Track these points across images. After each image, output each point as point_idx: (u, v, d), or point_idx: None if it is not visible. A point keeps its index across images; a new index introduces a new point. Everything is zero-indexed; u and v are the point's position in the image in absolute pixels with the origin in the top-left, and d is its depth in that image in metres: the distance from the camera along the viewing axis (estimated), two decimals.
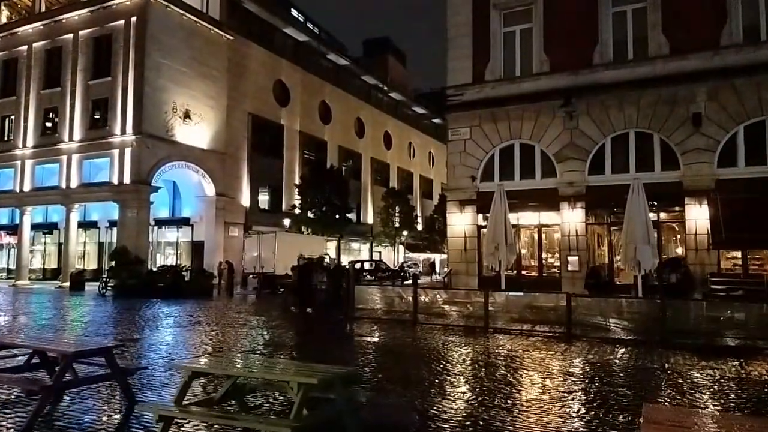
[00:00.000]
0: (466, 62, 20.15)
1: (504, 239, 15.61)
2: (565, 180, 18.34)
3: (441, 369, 8.51)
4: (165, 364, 7.56)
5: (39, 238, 36.79)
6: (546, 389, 7.24)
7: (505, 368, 8.61)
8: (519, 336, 12.20)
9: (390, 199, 49.18)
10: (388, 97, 55.95)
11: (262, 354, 9.90)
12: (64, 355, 4.85)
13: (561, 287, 17.62)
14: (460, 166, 20.04)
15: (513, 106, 19.13)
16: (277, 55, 39.66)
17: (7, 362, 6.42)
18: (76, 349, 4.89)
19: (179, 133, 30.89)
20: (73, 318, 15.55)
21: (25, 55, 33.44)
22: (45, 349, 5.09)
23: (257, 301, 22.62)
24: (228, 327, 13.51)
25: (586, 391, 7.16)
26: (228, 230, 34.13)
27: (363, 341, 11.75)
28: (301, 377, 3.91)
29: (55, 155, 31.60)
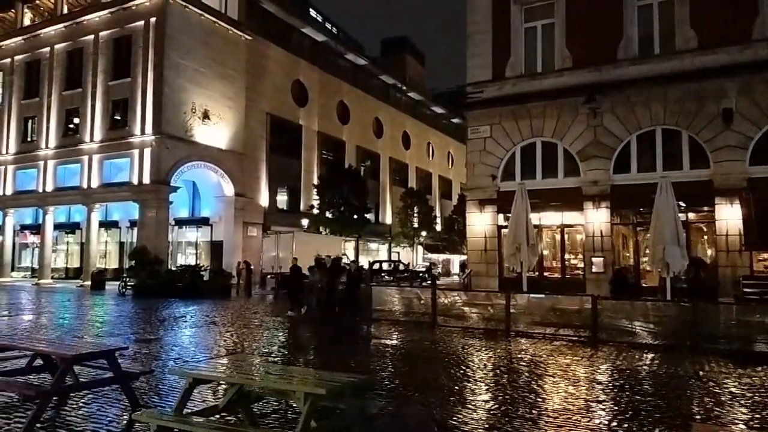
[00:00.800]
0: (485, 59, 19.72)
1: (526, 240, 15.18)
2: (588, 179, 17.80)
3: (461, 375, 8.14)
4: (169, 368, 7.33)
5: (62, 238, 37.20)
6: (573, 398, 6.84)
7: (529, 375, 8.21)
8: (542, 340, 11.76)
9: (408, 199, 48.79)
10: (406, 96, 55.58)
11: (276, 357, 9.65)
12: (63, 358, 4.62)
13: (585, 289, 17.10)
14: (479, 164, 19.60)
15: (534, 103, 18.64)
16: (295, 55, 39.59)
17: (12, 363, 6.23)
18: (75, 353, 4.65)
19: (198, 134, 30.93)
20: (91, 318, 15.50)
21: (47, 57, 33.83)
22: (44, 351, 4.87)
23: (275, 302, 22.43)
24: (244, 328, 13.30)
25: (617, 400, 6.73)
26: (247, 230, 34.11)
27: (380, 344, 11.43)
28: (309, 387, 3.61)
29: (77, 156, 31.89)
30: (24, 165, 34.68)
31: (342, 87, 44.53)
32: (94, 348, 4.93)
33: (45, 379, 6.20)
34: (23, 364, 5.68)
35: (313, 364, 8.98)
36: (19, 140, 35.16)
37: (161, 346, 10.43)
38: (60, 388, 4.60)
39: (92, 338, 11.12)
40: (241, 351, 10.04)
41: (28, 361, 5.30)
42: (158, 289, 24.19)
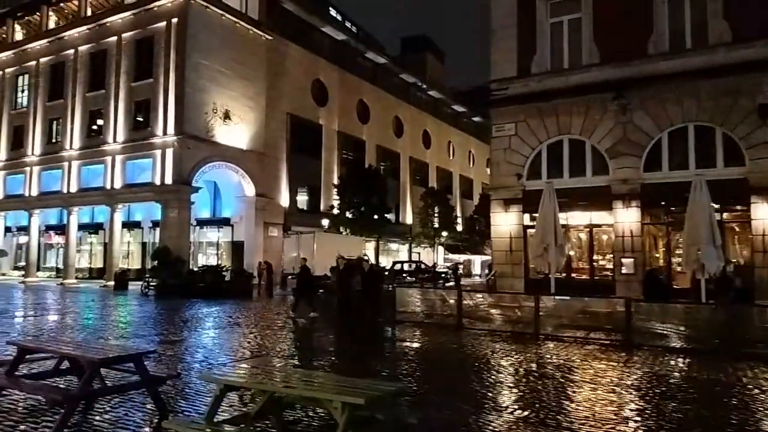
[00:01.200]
0: (510, 55, 19.33)
1: (554, 240, 14.80)
2: (618, 177, 17.33)
3: (493, 380, 7.86)
4: (199, 373, 7.18)
5: (85, 238, 37.66)
6: (613, 406, 6.51)
7: (564, 380, 7.89)
8: (572, 344, 11.39)
9: (429, 199, 48.42)
10: (426, 95, 55.21)
11: (301, 360, 9.47)
12: (90, 362, 4.47)
13: (614, 291, 16.69)
14: (504, 163, 19.23)
15: (561, 100, 18.21)
16: (315, 55, 39.54)
17: (39, 366, 6.13)
18: (102, 357, 4.50)
19: (219, 134, 31.02)
20: (115, 318, 15.52)
21: (71, 59, 34.25)
22: (71, 355, 4.73)
23: (297, 303, 22.28)
24: (267, 329, 13.17)
25: (659, 409, 6.39)
26: (267, 230, 34.13)
27: (405, 347, 11.18)
28: (347, 396, 3.39)
29: (100, 156, 32.21)
30: (49, 166, 35.17)
31: (362, 86, 44.38)
32: (121, 351, 4.78)
33: (71, 382, 6.09)
34: (50, 365, 5.57)
35: (338, 368, 8.78)
36: (45, 142, 35.67)
37: (186, 348, 10.32)
38: (87, 392, 4.45)
39: (117, 340, 11.07)
40: (265, 354, 9.87)
41: (56, 364, 5.18)
42: (180, 289, 24.26)
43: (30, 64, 36.71)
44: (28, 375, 5.43)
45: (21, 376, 4.96)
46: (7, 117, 38.16)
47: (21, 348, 4.97)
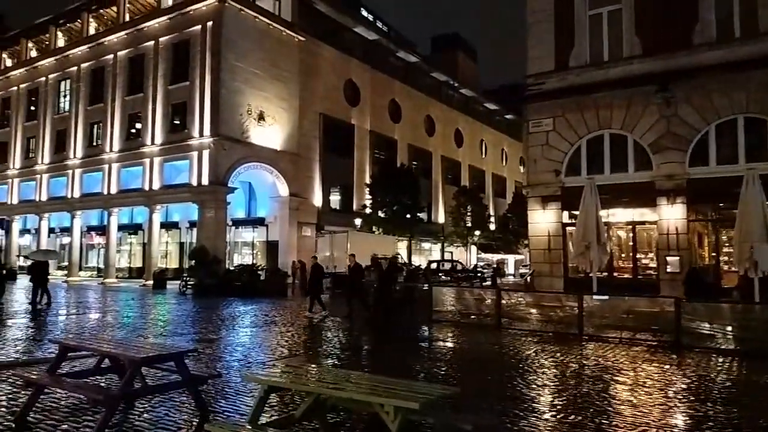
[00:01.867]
0: (547, 49, 18.86)
1: (596, 238, 14.36)
2: (662, 173, 16.69)
3: (539, 383, 7.56)
4: (240, 373, 7.10)
5: (125, 239, 38.54)
6: (676, 412, 6.15)
7: (615, 384, 7.53)
8: (618, 345, 10.96)
9: (461, 198, 47.92)
10: (458, 93, 54.68)
11: (338, 359, 9.34)
12: (131, 361, 4.40)
13: (659, 291, 16.10)
14: (542, 159, 18.77)
15: (601, 94, 17.65)
16: (347, 55, 39.56)
17: (81, 363, 6.12)
18: (144, 356, 4.43)
19: (254, 135, 31.29)
20: (154, 317, 15.73)
21: (110, 64, 35.08)
22: (112, 353, 4.68)
23: (330, 302, 22.27)
24: (303, 328, 13.11)
25: (729, 417, 5.99)
26: (301, 230, 34.29)
27: (444, 348, 10.94)
28: (400, 400, 3.20)
29: (139, 159, 32.88)
30: (90, 168, 36.10)
31: (394, 85, 44.21)
32: (162, 350, 4.71)
33: (112, 380, 6.08)
34: (92, 363, 5.56)
35: (376, 368, 8.61)
36: (86, 145, 36.64)
37: (224, 347, 10.31)
38: (128, 391, 4.39)
39: (156, 338, 11.16)
40: (303, 352, 9.78)
41: (97, 362, 5.16)
42: (217, 288, 24.53)
43: (72, 69, 37.77)
44: (70, 373, 5.43)
45: (63, 375, 4.95)
46: (51, 121, 39.37)
47: (63, 346, 4.95)
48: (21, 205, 41.06)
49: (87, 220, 39.14)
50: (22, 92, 41.88)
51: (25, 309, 16.69)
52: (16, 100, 42.25)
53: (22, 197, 41.08)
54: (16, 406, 5.39)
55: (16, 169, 41.72)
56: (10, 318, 14.39)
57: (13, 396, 5.93)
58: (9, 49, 44.66)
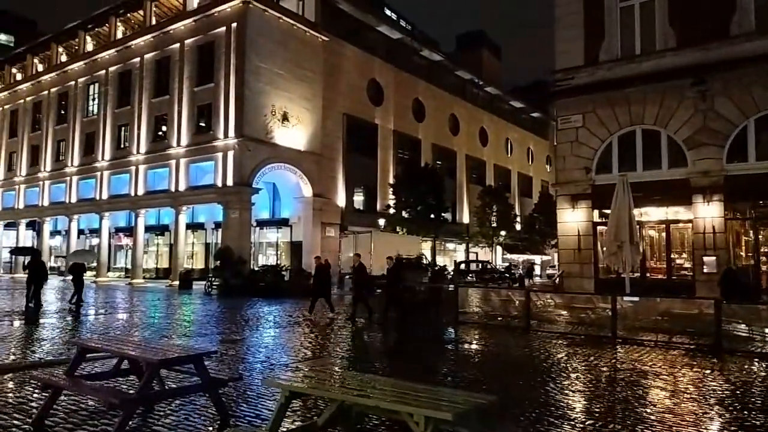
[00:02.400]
0: (576, 43, 18.38)
1: (629, 237, 13.84)
2: (697, 169, 16.10)
3: (575, 389, 7.19)
4: (261, 377, 6.90)
5: (152, 240, 39.01)
6: (722, 421, 5.74)
7: (655, 390, 7.12)
8: (654, 348, 10.49)
9: (486, 197, 47.27)
10: (483, 91, 54.02)
11: (362, 361, 9.10)
12: (149, 363, 4.22)
13: (694, 292, 15.53)
14: (571, 157, 18.30)
15: (633, 89, 17.13)
16: (370, 54, 39.37)
17: (102, 364, 5.99)
18: (162, 357, 4.24)
19: (278, 136, 31.32)
20: (179, 317, 15.72)
21: (137, 67, 35.53)
22: (130, 355, 4.51)
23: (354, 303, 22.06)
24: (327, 329, 12.91)
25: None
26: (324, 230, 34.20)
27: (472, 350, 10.61)
28: (431, 410, 2.94)
29: (165, 160, 33.20)
30: (118, 170, 36.62)
31: (417, 84, 43.88)
32: (181, 352, 4.53)
33: (132, 382, 5.93)
34: (112, 364, 5.41)
35: (401, 371, 8.34)
36: (114, 147, 37.17)
37: (247, 348, 10.16)
38: (146, 395, 4.21)
39: (180, 338, 11.08)
40: (327, 355, 9.57)
41: (116, 364, 5.01)
42: (242, 288, 24.56)
43: (100, 73, 38.39)
44: (89, 375, 5.29)
45: (81, 377, 4.81)
46: (80, 124, 40.09)
47: (81, 347, 4.81)
48: (51, 206, 41.91)
49: (115, 222, 39.73)
50: (53, 96, 42.76)
51: (60, 308, 16.87)
52: (47, 104, 43.16)
53: (53, 199, 41.93)
54: (35, 409, 5.28)
55: (47, 171, 42.60)
56: (41, 317, 14.52)
57: (33, 398, 5.84)
58: (40, 54, 45.67)
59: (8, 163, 47.01)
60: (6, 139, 47.23)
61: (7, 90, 47.32)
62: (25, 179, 44.66)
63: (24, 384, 6.50)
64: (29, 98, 44.93)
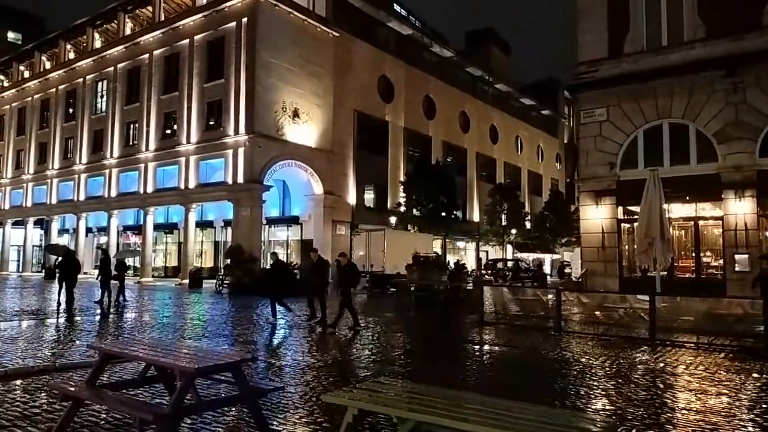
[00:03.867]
0: (600, 35, 17.80)
1: (660, 234, 13.28)
2: (729, 164, 15.50)
3: (627, 396, 6.66)
4: (294, 382, 6.43)
5: (161, 238, 38.63)
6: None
7: (724, 398, 6.60)
8: (697, 350, 9.95)
9: (497, 195, 46.71)
10: (493, 88, 53.42)
11: (395, 365, 8.61)
12: (184, 372, 3.76)
13: (725, 291, 14.94)
14: (594, 152, 17.72)
15: (660, 81, 16.53)
16: (381, 50, 38.88)
17: (122, 368, 5.50)
18: (198, 366, 3.77)
19: (288, 132, 30.87)
20: (193, 316, 15.28)
21: (146, 63, 35.14)
22: (162, 363, 4.04)
23: (370, 301, 21.61)
24: (348, 330, 12.41)
25: None
26: (335, 228, 33.74)
27: (502, 352, 10.09)
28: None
29: (174, 158, 32.80)
30: (126, 168, 36.26)
31: (428, 81, 43.34)
32: (218, 359, 4.05)
33: (156, 390, 5.47)
34: (134, 369, 4.95)
35: (440, 378, 7.85)
36: (122, 144, 36.81)
37: (271, 350, 9.69)
38: (180, 409, 3.74)
39: (198, 340, 10.62)
40: (356, 358, 9.09)
41: (142, 371, 4.55)
42: (253, 287, 24.10)
43: (108, 70, 38.03)
44: (111, 384, 4.82)
45: (103, 386, 4.34)
46: (88, 122, 39.76)
47: (103, 353, 4.34)
48: (59, 204, 41.62)
49: (123, 220, 39.39)
50: (61, 93, 42.46)
51: (86, 307, 16.47)
52: (55, 102, 42.88)
53: (61, 197, 41.64)
54: (52, 421, 4.80)
55: (55, 169, 42.32)
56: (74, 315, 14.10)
57: (49, 407, 5.36)
58: (48, 52, 45.38)
59: (16, 160, 46.77)
60: (14, 137, 47.00)
61: (15, 87, 47.09)
62: (33, 177, 44.40)
63: (37, 391, 6.03)
64: (37, 96, 44.65)
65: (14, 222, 46.81)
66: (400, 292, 20.89)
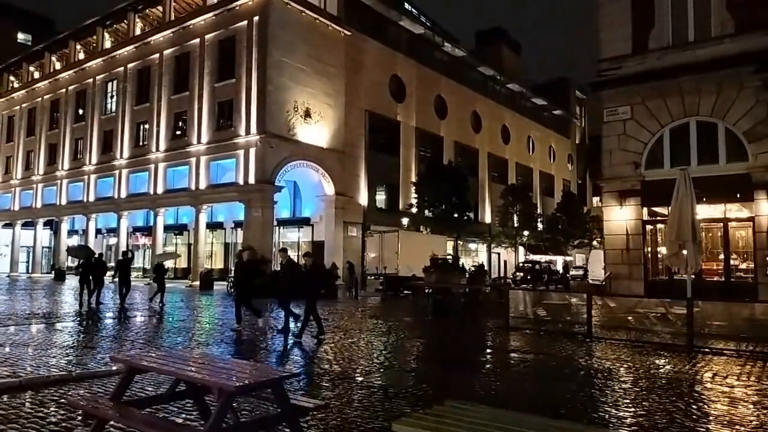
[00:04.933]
0: (623, 31, 17.32)
1: (691, 236, 12.73)
2: (760, 163, 15.01)
3: (692, 409, 6.20)
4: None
5: (170, 239, 38.35)
6: None
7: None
8: (739, 358, 9.45)
9: (509, 196, 46.19)
10: (505, 88, 52.92)
11: (427, 373, 8.17)
12: (223, 391, 3.34)
13: (756, 295, 14.42)
14: (618, 151, 17.24)
15: (686, 78, 16.05)
16: (392, 49, 38.51)
17: (143, 378, 5.08)
18: (240, 384, 3.36)
19: (300, 132, 30.52)
20: (208, 320, 14.91)
21: (156, 63, 34.91)
22: (195, 380, 3.63)
23: (385, 305, 21.18)
24: (373, 334, 11.98)
25: None
26: (347, 230, 33.36)
27: (535, 361, 9.60)
28: None
29: (185, 158, 32.53)
30: (136, 169, 36.03)
31: (439, 80, 42.91)
32: (259, 375, 3.63)
33: (183, 407, 5.07)
34: (152, 376, 4.55)
35: (467, 391, 7.40)
36: (132, 145, 36.60)
37: (299, 359, 9.27)
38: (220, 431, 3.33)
39: (218, 346, 10.22)
40: (389, 366, 8.65)
41: (171, 386, 4.14)
42: (265, 289, 23.70)
43: (118, 70, 37.84)
44: (136, 401, 4.40)
45: (129, 403, 3.93)
46: (98, 122, 39.59)
47: (130, 367, 3.93)
48: (69, 205, 41.47)
49: (133, 221, 39.18)
50: (71, 94, 42.35)
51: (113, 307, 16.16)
52: (65, 102, 42.77)
53: (71, 198, 41.48)
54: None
55: (65, 170, 42.19)
56: (91, 319, 13.76)
57: (67, 422, 4.96)
58: (58, 52, 45.29)
59: (26, 161, 46.70)
60: (24, 138, 46.96)
61: (25, 89, 47.06)
62: (43, 178, 44.31)
63: (51, 403, 5.63)
64: (47, 96, 44.58)
65: (24, 223, 46.73)
66: (416, 296, 20.46)
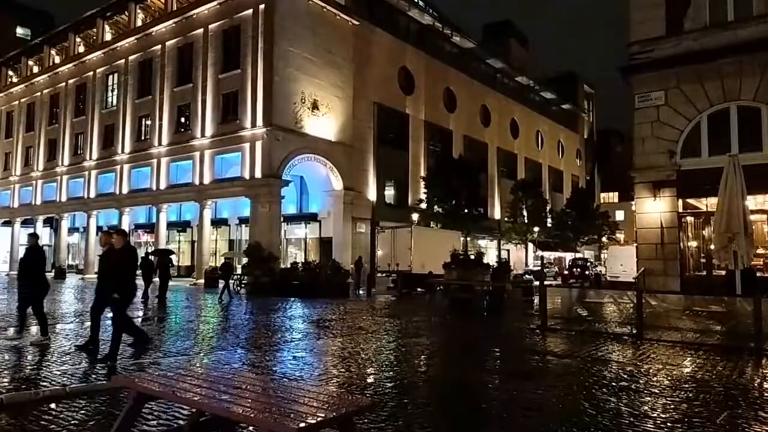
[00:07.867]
0: (656, 11, 16.25)
1: (743, 228, 11.77)
2: None
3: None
4: (385, 414, 5.03)
5: (174, 236, 37.38)
6: None
7: None
8: None
9: (519, 192, 45.14)
10: (514, 81, 51.81)
11: (469, 385, 7.18)
12: None
13: None
14: (651, 139, 16.18)
15: (726, 60, 14.98)
16: (401, 41, 37.45)
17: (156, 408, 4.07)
18: (304, 424, 2.34)
19: (307, 125, 29.49)
20: (217, 321, 13.91)
21: (158, 55, 33.85)
22: (239, 418, 2.59)
23: (400, 303, 20.19)
24: (395, 335, 10.99)
25: None
26: (355, 226, 32.36)
27: (584, 367, 8.57)
28: None
29: (189, 152, 31.50)
30: (138, 164, 35.00)
31: (448, 73, 41.83)
32: (328, 411, 2.63)
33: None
34: (175, 410, 3.52)
35: (519, 402, 6.41)
36: (134, 139, 35.58)
37: (330, 366, 8.28)
38: None
39: (235, 350, 9.22)
40: (442, 378, 7.66)
41: (192, 419, 3.13)
42: (273, 287, 22.82)
43: (119, 62, 36.80)
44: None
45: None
46: (99, 117, 38.57)
47: (139, 393, 2.91)
48: (70, 202, 40.47)
49: (135, 218, 38.20)
50: (71, 88, 41.34)
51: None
52: (65, 96, 41.75)
53: (71, 194, 40.48)
54: None
55: (65, 166, 41.19)
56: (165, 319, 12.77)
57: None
58: (57, 46, 44.26)
59: (25, 157, 45.71)
60: (23, 133, 45.95)
61: (24, 83, 46.04)
62: (43, 174, 43.31)
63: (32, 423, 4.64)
64: (46, 91, 43.57)
65: (23, 221, 45.74)
66: (434, 293, 19.48)
